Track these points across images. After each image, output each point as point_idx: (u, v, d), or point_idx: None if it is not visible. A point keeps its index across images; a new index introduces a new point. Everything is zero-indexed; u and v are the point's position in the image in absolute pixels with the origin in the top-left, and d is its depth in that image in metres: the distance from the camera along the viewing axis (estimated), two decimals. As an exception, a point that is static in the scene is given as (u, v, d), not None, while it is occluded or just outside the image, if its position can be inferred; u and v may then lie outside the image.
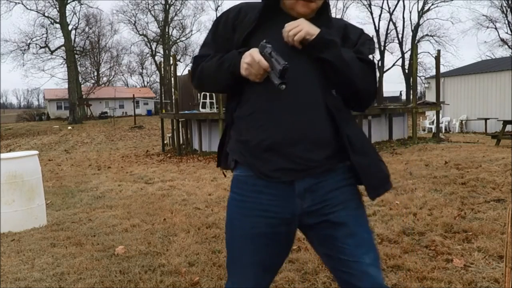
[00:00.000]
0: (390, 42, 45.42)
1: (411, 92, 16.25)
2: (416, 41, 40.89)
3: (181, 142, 13.76)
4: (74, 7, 44.93)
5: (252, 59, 1.35)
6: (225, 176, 1.55)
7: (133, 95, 35.09)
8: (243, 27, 1.48)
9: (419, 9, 43.01)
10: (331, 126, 1.42)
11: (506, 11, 37.82)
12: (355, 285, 1.44)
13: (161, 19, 47.58)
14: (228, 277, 1.58)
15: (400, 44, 44.36)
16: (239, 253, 1.52)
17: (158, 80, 40.37)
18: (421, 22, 43.07)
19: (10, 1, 34.67)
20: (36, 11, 36.47)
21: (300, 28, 1.37)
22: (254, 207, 1.45)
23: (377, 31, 44.42)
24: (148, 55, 52.83)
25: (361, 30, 1.58)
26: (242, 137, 1.46)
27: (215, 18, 1.68)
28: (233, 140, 1.51)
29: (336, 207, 1.45)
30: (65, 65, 35.95)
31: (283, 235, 1.49)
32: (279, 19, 1.46)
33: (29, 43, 37.14)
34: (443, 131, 19.55)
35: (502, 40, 38.83)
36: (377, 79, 1.56)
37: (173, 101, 14.30)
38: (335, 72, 1.41)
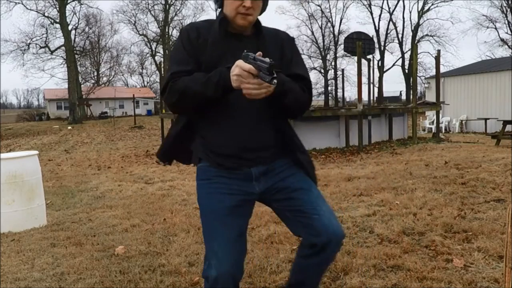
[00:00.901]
0: (390, 42, 45.41)
1: (411, 92, 16.23)
2: (416, 41, 40.87)
3: (181, 142, 13.74)
4: (74, 7, 44.80)
5: (240, 69, 1.54)
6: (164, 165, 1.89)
7: (133, 95, 35.06)
8: (211, 48, 1.75)
9: (419, 9, 43.02)
10: (275, 133, 1.81)
11: (506, 11, 37.83)
12: (317, 227, 1.77)
13: (161, 19, 47.56)
14: (206, 252, 1.80)
15: (400, 44, 44.38)
16: (213, 227, 1.78)
17: (158, 80, 40.29)
18: (421, 22, 43.09)
19: (10, 1, 34.69)
20: (36, 11, 36.47)
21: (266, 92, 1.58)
22: (219, 186, 1.78)
23: (377, 31, 44.43)
24: (148, 55, 52.81)
25: (293, 40, 1.91)
26: (207, 143, 1.80)
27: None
28: (197, 142, 1.85)
29: (287, 178, 1.83)
30: (65, 65, 35.93)
31: (244, 208, 1.83)
32: (231, 39, 1.78)
33: (29, 43, 37.12)
34: (443, 131, 19.55)
35: (502, 40, 38.86)
36: (312, 96, 1.87)
37: (173, 101, 14.27)
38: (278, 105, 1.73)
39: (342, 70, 21.21)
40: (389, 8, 50.70)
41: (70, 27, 36.66)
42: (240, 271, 1.80)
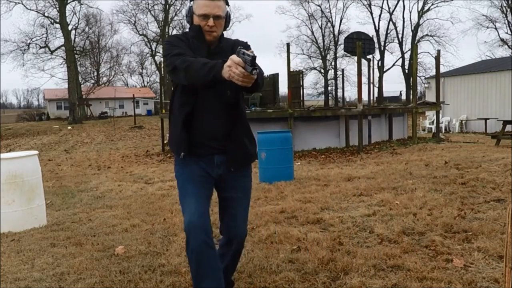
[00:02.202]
0: (390, 42, 45.36)
1: (411, 92, 16.24)
2: (416, 41, 40.87)
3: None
4: (74, 7, 44.41)
5: (232, 61, 1.87)
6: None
7: (133, 95, 35.04)
8: (195, 48, 2.21)
9: (419, 9, 43.02)
10: (233, 125, 2.29)
11: (506, 11, 37.82)
12: (232, 227, 2.45)
13: (161, 19, 47.51)
14: (182, 211, 2.27)
15: (400, 44, 44.36)
16: (186, 188, 2.29)
17: (158, 80, 40.25)
18: (421, 22, 43.07)
19: (10, 1, 34.64)
20: (36, 11, 36.41)
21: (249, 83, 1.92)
22: (191, 162, 2.30)
23: (377, 31, 44.41)
24: (148, 55, 52.77)
25: (245, 43, 2.30)
26: (188, 135, 2.25)
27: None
28: (181, 135, 2.26)
29: (238, 182, 2.40)
30: (65, 65, 35.90)
31: (208, 179, 2.33)
32: (204, 46, 2.25)
33: (29, 43, 37.06)
34: (443, 131, 19.56)
35: (502, 40, 38.83)
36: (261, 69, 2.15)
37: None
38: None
39: (342, 70, 21.24)
40: (389, 8, 50.67)
41: (70, 27, 36.66)
42: (208, 223, 2.22)
